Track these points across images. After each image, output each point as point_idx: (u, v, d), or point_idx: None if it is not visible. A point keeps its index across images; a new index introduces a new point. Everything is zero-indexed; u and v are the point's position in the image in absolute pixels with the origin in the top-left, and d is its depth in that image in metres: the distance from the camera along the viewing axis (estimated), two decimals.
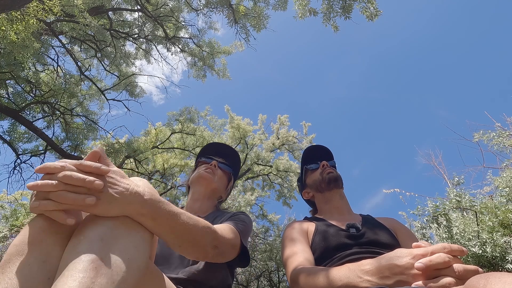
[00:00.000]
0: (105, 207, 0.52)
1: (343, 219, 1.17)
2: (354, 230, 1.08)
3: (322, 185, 1.29)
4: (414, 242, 1.00)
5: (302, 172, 1.44)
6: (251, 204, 7.44)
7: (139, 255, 0.52)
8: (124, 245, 0.51)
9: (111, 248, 0.49)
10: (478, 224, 2.62)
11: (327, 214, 1.25)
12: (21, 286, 0.44)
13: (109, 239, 0.50)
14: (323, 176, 1.30)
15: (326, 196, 1.29)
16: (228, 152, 1.39)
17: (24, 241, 0.50)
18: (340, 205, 1.26)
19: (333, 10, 3.83)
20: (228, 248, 0.84)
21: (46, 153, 5.40)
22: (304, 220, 1.25)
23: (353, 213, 1.27)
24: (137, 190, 0.57)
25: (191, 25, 6.07)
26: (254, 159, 8.63)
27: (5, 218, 6.75)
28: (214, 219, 1.11)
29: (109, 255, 0.47)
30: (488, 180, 3.59)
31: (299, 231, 1.12)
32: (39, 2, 3.54)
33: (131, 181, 0.58)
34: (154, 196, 0.60)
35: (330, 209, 1.26)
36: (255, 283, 5.69)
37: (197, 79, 6.73)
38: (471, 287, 0.47)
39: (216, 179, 1.24)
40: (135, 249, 0.52)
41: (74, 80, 5.74)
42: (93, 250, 0.47)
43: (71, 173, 0.51)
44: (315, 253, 1.04)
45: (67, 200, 0.50)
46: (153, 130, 7.24)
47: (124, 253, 0.50)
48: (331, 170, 1.31)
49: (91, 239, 0.49)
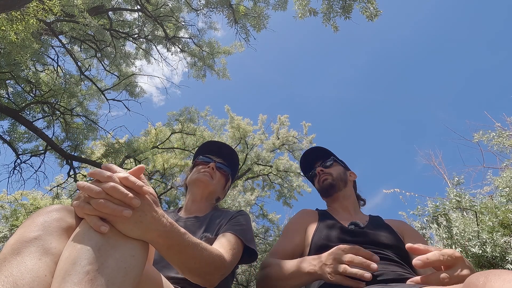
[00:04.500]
0: (130, 227, 0.55)
1: (348, 217, 1.18)
2: (353, 226, 1.09)
3: (322, 194, 1.35)
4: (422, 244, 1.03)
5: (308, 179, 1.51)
6: (251, 204, 7.44)
7: (136, 263, 0.53)
8: (121, 254, 0.51)
9: (107, 258, 0.49)
10: (478, 224, 2.62)
11: (335, 211, 1.27)
12: (18, 284, 0.44)
13: (106, 247, 0.50)
14: (320, 185, 1.33)
15: (329, 201, 1.34)
16: (227, 151, 1.37)
17: (19, 240, 0.50)
18: (345, 205, 1.27)
19: (333, 10, 3.83)
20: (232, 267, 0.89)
21: (46, 153, 5.40)
22: (313, 210, 1.30)
23: (361, 213, 1.29)
24: (161, 220, 0.59)
25: (191, 25, 6.07)
26: (254, 159, 8.62)
27: (5, 218, 6.75)
28: (212, 219, 1.12)
29: (105, 265, 0.48)
30: (488, 180, 3.59)
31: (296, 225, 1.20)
32: (39, 2, 3.54)
33: (159, 209, 0.61)
34: (174, 226, 0.62)
35: (337, 208, 1.29)
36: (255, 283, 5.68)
37: (197, 79, 6.73)
38: (470, 285, 0.47)
39: (214, 182, 1.24)
40: (132, 258, 0.53)
41: (74, 80, 5.74)
42: (89, 261, 0.47)
43: (116, 186, 0.54)
44: (315, 246, 1.05)
45: (106, 208, 0.52)
46: (153, 130, 7.24)
47: (121, 263, 0.50)
48: (326, 176, 1.31)
49: (88, 248, 0.49)
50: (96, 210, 0.53)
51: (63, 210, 0.58)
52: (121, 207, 0.53)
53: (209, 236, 1.02)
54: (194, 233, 1.05)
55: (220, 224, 1.06)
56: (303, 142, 9.42)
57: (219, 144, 1.40)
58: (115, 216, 0.53)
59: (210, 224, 1.08)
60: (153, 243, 0.60)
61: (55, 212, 0.57)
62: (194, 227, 1.09)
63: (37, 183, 5.43)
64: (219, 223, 1.07)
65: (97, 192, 0.53)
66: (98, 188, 0.53)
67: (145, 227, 0.56)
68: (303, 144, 9.40)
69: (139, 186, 0.56)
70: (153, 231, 0.57)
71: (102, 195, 0.53)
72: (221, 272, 0.78)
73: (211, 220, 1.11)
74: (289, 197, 9.13)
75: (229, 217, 1.08)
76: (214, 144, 1.40)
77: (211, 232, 1.04)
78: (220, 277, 0.79)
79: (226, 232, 0.96)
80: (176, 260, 0.66)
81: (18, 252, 0.48)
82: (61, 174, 7.45)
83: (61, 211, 0.57)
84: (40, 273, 0.47)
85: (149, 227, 0.56)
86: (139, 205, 0.56)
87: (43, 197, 7.46)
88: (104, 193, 0.53)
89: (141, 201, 0.56)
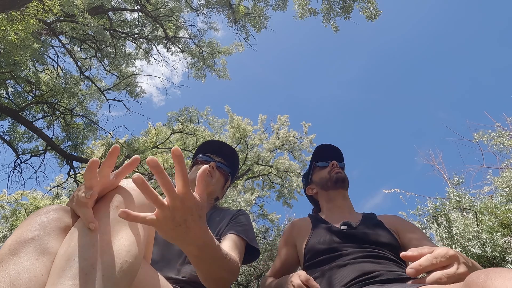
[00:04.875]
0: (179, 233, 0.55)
1: (342, 218, 1.17)
2: (345, 227, 1.09)
3: (329, 183, 1.30)
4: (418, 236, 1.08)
5: (310, 167, 1.45)
6: (251, 204, 7.44)
7: (132, 259, 0.52)
8: (117, 249, 0.51)
9: (103, 253, 0.49)
10: (478, 224, 2.62)
11: (328, 213, 1.26)
12: (15, 284, 0.44)
13: (101, 244, 0.50)
14: (331, 175, 1.30)
15: (330, 195, 1.30)
16: (227, 151, 1.36)
17: (16, 241, 0.50)
18: (342, 205, 1.26)
19: (333, 10, 3.83)
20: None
21: (46, 153, 5.40)
22: (305, 218, 1.28)
23: (355, 212, 1.27)
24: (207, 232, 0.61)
25: (191, 25, 6.07)
26: (254, 159, 8.62)
27: (5, 218, 6.75)
28: (212, 218, 1.12)
29: (100, 261, 0.47)
30: (488, 180, 3.59)
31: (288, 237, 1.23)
32: (39, 2, 3.54)
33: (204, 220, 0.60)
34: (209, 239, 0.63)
35: (331, 208, 1.27)
36: (255, 283, 5.68)
37: (197, 79, 6.73)
38: (471, 283, 0.47)
39: (214, 182, 1.23)
40: (128, 253, 0.52)
41: (74, 80, 5.73)
42: (84, 257, 0.47)
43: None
44: (310, 253, 1.05)
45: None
46: (153, 130, 7.24)
47: (117, 258, 0.50)
48: (340, 170, 1.32)
49: (82, 244, 0.49)
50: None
51: (61, 210, 0.58)
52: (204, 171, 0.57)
53: None
54: None
55: (221, 224, 1.07)
56: (303, 142, 9.42)
57: (219, 143, 1.39)
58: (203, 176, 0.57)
59: (210, 223, 1.09)
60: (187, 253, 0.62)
61: (53, 212, 0.57)
62: None
63: (37, 183, 5.44)
64: (219, 222, 1.08)
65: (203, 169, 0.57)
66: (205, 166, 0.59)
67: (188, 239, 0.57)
68: (303, 144, 9.40)
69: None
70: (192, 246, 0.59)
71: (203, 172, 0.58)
72: (236, 278, 0.80)
73: (211, 220, 1.11)
74: (289, 197, 9.12)
75: (230, 217, 1.08)
76: (214, 143, 1.38)
77: (212, 232, 1.04)
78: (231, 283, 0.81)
79: (230, 234, 0.97)
80: (205, 270, 0.68)
81: (16, 252, 0.48)
82: (61, 174, 7.47)
83: (58, 211, 0.57)
84: (37, 273, 0.47)
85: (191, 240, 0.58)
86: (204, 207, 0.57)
87: (43, 197, 7.46)
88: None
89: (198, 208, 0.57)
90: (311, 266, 1.03)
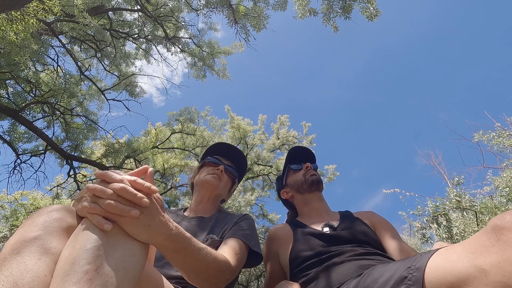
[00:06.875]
0: (139, 230, 0.55)
1: (321, 220, 1.18)
2: (327, 229, 1.09)
3: (304, 186, 1.30)
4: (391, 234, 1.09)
5: (284, 171, 1.45)
6: (251, 204, 7.44)
7: (136, 263, 0.53)
8: (120, 254, 0.51)
9: (107, 257, 0.49)
10: (478, 224, 2.62)
11: (306, 217, 1.26)
12: (18, 283, 0.44)
13: (106, 247, 0.50)
14: (306, 178, 1.31)
15: (305, 198, 1.30)
16: (236, 155, 1.38)
17: (19, 240, 0.50)
18: (319, 207, 1.27)
19: (333, 10, 3.83)
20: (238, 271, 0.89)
21: (46, 153, 5.39)
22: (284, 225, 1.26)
23: (332, 212, 1.28)
24: (168, 224, 0.60)
25: (191, 25, 6.07)
26: (254, 159, 8.62)
27: (5, 218, 6.74)
28: (217, 221, 1.13)
29: (104, 265, 0.48)
30: (488, 180, 3.59)
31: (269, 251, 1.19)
32: (39, 2, 3.54)
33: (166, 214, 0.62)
34: (179, 230, 0.63)
35: (309, 211, 1.27)
36: (255, 283, 5.68)
37: (197, 79, 6.73)
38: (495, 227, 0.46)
39: (222, 185, 1.25)
40: (132, 257, 0.52)
41: (74, 80, 5.73)
42: (88, 260, 0.47)
43: (127, 187, 0.55)
44: (297, 260, 1.05)
45: (115, 209, 0.53)
46: (153, 130, 7.23)
47: (121, 262, 0.50)
48: (314, 173, 1.33)
49: (87, 248, 0.49)
50: (104, 211, 0.53)
51: (63, 210, 0.58)
52: (128, 207, 0.54)
53: (214, 238, 1.03)
54: (199, 233, 1.07)
55: (225, 227, 1.08)
56: (303, 142, 9.42)
57: (229, 146, 1.40)
58: (123, 216, 0.54)
59: (215, 226, 1.10)
60: (159, 246, 0.61)
61: (55, 212, 0.57)
62: (199, 228, 1.10)
63: (37, 183, 5.44)
64: (224, 225, 1.09)
65: (108, 194, 0.54)
66: (109, 190, 0.54)
67: (153, 230, 0.57)
68: (303, 144, 9.40)
69: (147, 187, 0.58)
70: (160, 235, 0.58)
71: (113, 196, 0.54)
72: (226, 277, 0.78)
73: (217, 222, 1.12)
74: None
75: (234, 221, 1.09)
76: (224, 146, 1.40)
77: (216, 234, 1.05)
78: (226, 281, 0.80)
79: (231, 237, 0.97)
80: (182, 263, 0.67)
81: (18, 252, 0.48)
82: (61, 174, 7.45)
83: (61, 211, 0.57)
84: (40, 273, 0.47)
85: (156, 231, 0.58)
86: (148, 209, 0.57)
87: (43, 197, 7.45)
88: (115, 194, 0.54)
89: (150, 204, 0.57)
90: (300, 271, 1.02)
